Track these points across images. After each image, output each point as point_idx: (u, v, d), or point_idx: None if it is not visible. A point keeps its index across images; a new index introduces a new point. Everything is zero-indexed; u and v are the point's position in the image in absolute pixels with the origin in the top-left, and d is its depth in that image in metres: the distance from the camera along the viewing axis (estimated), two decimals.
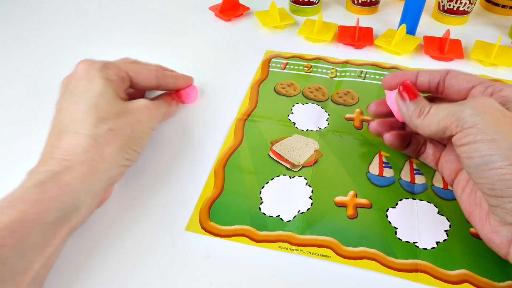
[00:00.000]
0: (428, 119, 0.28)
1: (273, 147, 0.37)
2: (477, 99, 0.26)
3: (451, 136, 0.26)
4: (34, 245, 0.24)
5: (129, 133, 0.31)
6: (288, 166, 0.36)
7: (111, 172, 0.30)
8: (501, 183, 0.23)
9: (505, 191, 0.23)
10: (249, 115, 0.41)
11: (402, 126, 0.35)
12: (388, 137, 0.34)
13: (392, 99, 0.33)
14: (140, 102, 0.34)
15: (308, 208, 0.32)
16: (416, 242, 0.30)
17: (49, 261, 0.26)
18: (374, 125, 0.35)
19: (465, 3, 0.53)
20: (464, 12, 0.54)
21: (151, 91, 0.42)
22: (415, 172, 0.35)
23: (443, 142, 0.34)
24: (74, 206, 0.27)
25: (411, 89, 0.30)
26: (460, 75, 0.30)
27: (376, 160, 0.36)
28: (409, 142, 0.34)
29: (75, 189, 0.27)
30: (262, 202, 0.33)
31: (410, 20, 0.51)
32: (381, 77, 0.46)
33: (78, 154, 0.28)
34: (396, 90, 0.32)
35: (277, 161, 0.36)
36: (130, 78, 0.35)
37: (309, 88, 0.45)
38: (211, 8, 0.59)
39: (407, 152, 0.35)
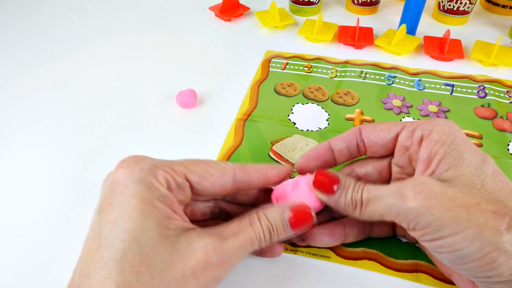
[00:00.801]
0: (367, 210, 0.24)
1: (273, 147, 0.37)
2: (413, 188, 0.22)
3: None
4: None
5: None
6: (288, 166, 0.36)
7: None
8: (483, 272, 0.21)
9: (491, 275, 0.21)
10: (249, 115, 0.41)
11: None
12: (323, 240, 0.27)
13: (305, 190, 0.26)
14: (195, 248, 0.21)
15: None
16: (416, 243, 0.29)
17: None
18: (325, 240, 0.28)
19: (465, 3, 0.53)
20: (464, 12, 0.54)
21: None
22: None
23: None
24: None
25: (327, 177, 0.25)
26: (377, 128, 0.27)
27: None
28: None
29: None
30: None
31: (410, 20, 0.51)
32: (382, 77, 0.46)
33: None
34: (309, 178, 0.26)
35: (277, 161, 0.36)
36: (191, 185, 0.24)
37: (309, 88, 0.45)
38: (211, 8, 0.59)
39: (349, 240, 0.29)
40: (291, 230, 0.24)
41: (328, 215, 0.29)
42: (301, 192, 0.26)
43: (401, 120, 0.40)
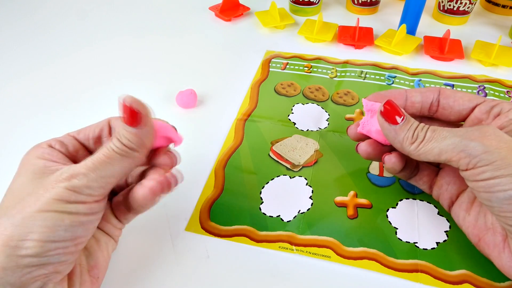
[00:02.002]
0: (425, 147, 0.25)
1: (273, 147, 0.37)
2: (485, 131, 0.24)
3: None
4: None
5: (11, 224, 0.21)
6: (288, 166, 0.36)
7: (3, 280, 0.20)
8: None
9: None
10: (249, 115, 0.41)
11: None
12: (391, 159, 0.29)
13: (371, 121, 0.29)
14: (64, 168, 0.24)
15: (308, 208, 0.32)
16: (416, 243, 0.30)
17: None
18: (364, 147, 0.30)
19: (465, 3, 0.53)
20: (464, 12, 0.54)
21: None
22: None
23: (435, 163, 0.31)
24: None
25: (394, 107, 0.27)
26: (457, 94, 0.28)
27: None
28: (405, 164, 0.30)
29: None
30: (262, 202, 0.33)
31: (410, 20, 0.51)
32: (382, 77, 0.46)
33: None
34: (378, 107, 0.28)
35: (277, 161, 0.36)
36: (73, 137, 0.28)
37: (309, 88, 0.45)
38: (211, 8, 0.59)
39: (400, 175, 0.31)
40: (128, 127, 0.24)
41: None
42: (375, 120, 0.29)
43: None
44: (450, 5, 0.54)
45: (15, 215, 0.21)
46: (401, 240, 0.30)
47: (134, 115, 0.24)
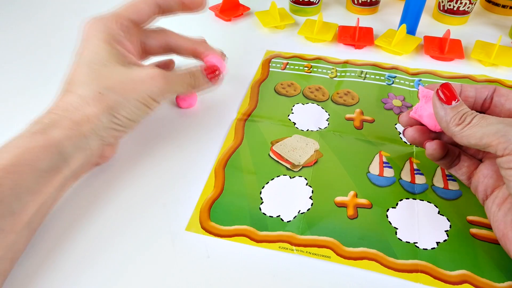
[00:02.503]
0: (470, 130, 0.26)
1: (273, 147, 0.37)
2: None
3: (490, 152, 0.25)
4: (29, 189, 0.26)
5: (117, 99, 0.31)
6: (288, 166, 0.36)
7: (98, 132, 0.31)
8: None
9: None
10: (249, 115, 0.41)
11: (438, 135, 0.33)
12: (432, 146, 0.30)
13: (425, 106, 0.31)
14: (144, 71, 0.33)
15: (309, 208, 0.32)
16: (416, 243, 0.30)
17: (43, 208, 0.28)
18: (410, 132, 0.32)
19: (465, 3, 0.53)
20: (464, 12, 0.54)
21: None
22: (415, 172, 0.35)
23: (478, 156, 0.32)
24: (63, 158, 0.28)
25: (450, 90, 0.28)
26: (510, 92, 0.29)
27: (376, 160, 0.36)
28: (446, 153, 0.32)
29: (61, 142, 0.28)
30: (263, 202, 0.33)
31: (410, 20, 0.51)
32: (382, 77, 0.46)
33: (68, 111, 0.30)
34: (433, 93, 0.29)
35: (278, 161, 0.36)
36: (132, 21, 0.35)
37: (309, 88, 0.45)
38: (211, 8, 0.59)
39: (440, 163, 0.32)
40: (206, 79, 0.38)
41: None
42: (429, 106, 0.31)
43: None
44: (450, 5, 0.54)
45: (117, 91, 0.31)
46: (401, 240, 0.30)
47: (216, 77, 0.39)
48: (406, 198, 0.33)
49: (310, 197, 0.33)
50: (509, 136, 0.24)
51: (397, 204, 0.32)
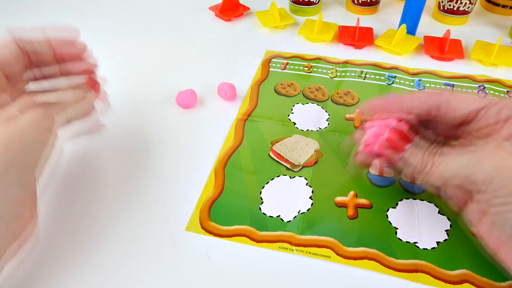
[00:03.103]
0: (437, 171, 0.25)
1: (273, 147, 0.37)
2: (493, 152, 0.23)
3: None
4: None
5: None
6: (289, 166, 0.36)
7: None
8: None
9: None
10: (249, 115, 0.41)
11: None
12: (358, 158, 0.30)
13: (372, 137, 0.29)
14: None
15: (309, 208, 0.32)
16: (417, 242, 0.29)
17: None
18: (360, 156, 0.31)
19: (465, 3, 0.53)
20: (464, 12, 0.54)
21: None
22: None
23: None
24: None
25: (400, 136, 0.26)
26: (457, 98, 0.27)
27: (376, 160, 0.36)
28: None
29: None
30: (263, 202, 0.33)
31: (410, 20, 0.51)
32: (382, 77, 0.46)
33: None
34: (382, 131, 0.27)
35: (278, 161, 0.36)
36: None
37: (309, 88, 0.45)
38: (211, 8, 0.59)
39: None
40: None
41: None
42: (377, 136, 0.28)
43: None
44: (450, 5, 0.54)
45: None
46: (401, 240, 0.30)
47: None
48: (406, 198, 0.33)
49: (310, 197, 0.33)
50: (479, 175, 0.23)
51: (397, 204, 0.32)
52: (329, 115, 0.41)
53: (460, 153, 0.24)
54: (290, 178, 0.35)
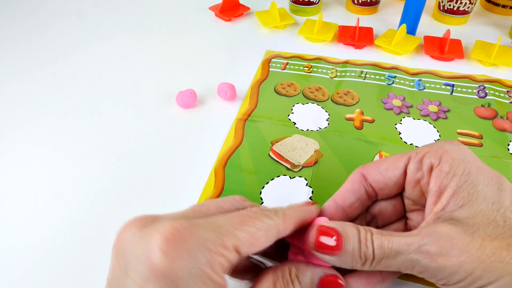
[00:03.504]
0: (380, 265, 0.21)
1: (273, 147, 0.37)
2: (440, 244, 0.20)
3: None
4: None
5: None
6: (289, 166, 0.36)
7: None
8: None
9: None
10: (249, 115, 0.41)
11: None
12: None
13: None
14: None
15: None
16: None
17: None
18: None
19: (465, 3, 0.53)
20: (464, 12, 0.54)
21: None
22: None
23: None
24: None
25: (328, 236, 0.22)
26: (381, 167, 0.25)
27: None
28: None
29: None
30: (262, 202, 0.33)
31: (410, 20, 0.51)
32: (382, 77, 0.46)
33: None
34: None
35: (278, 161, 0.36)
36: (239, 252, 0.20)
37: (309, 88, 0.45)
38: (211, 8, 0.59)
39: None
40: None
41: None
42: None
43: (400, 120, 0.40)
44: (450, 5, 0.54)
45: None
46: None
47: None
48: None
49: (310, 197, 0.33)
50: (433, 273, 0.21)
51: None
52: (329, 115, 0.41)
53: (402, 241, 0.21)
54: (290, 178, 0.35)
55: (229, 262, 0.19)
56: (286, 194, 0.33)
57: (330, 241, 0.22)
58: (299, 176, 0.35)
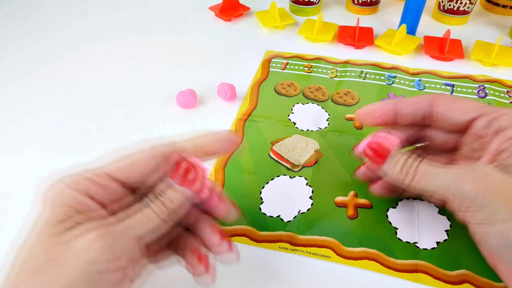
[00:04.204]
0: (418, 184, 0.25)
1: (274, 147, 0.37)
2: (476, 174, 0.23)
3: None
4: None
5: None
6: (289, 166, 0.36)
7: None
8: None
9: None
10: (249, 115, 0.41)
11: None
12: (375, 190, 0.30)
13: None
14: (81, 239, 0.20)
15: (309, 208, 0.32)
16: (417, 242, 0.29)
17: None
18: (362, 170, 0.31)
19: (465, 3, 0.53)
20: (464, 12, 0.54)
21: None
22: None
23: None
24: None
25: (379, 148, 0.26)
26: (453, 105, 0.27)
27: None
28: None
29: None
30: (263, 202, 0.33)
31: (410, 20, 0.51)
32: (382, 77, 0.46)
33: None
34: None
35: (278, 161, 0.36)
36: (121, 181, 0.23)
37: (309, 88, 0.45)
38: (211, 8, 0.59)
39: (404, 197, 0.32)
40: (181, 187, 0.23)
41: None
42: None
43: None
44: (450, 5, 0.54)
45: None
46: (401, 240, 0.30)
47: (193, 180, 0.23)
48: (406, 198, 0.33)
49: (310, 197, 0.33)
50: (459, 195, 0.23)
51: (397, 204, 0.32)
52: (329, 115, 0.41)
53: (443, 170, 0.24)
54: (290, 178, 0.35)
55: (97, 185, 0.22)
56: (286, 194, 0.33)
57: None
58: (299, 176, 0.35)
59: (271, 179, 0.35)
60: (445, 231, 0.30)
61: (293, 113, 0.41)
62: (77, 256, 0.19)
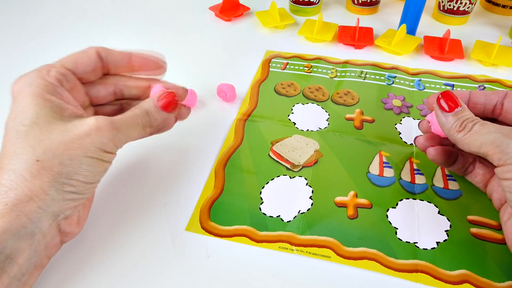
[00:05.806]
0: (470, 137, 0.26)
1: (274, 147, 0.37)
2: None
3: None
4: None
5: (63, 161, 0.24)
6: (289, 166, 0.36)
7: (47, 209, 0.24)
8: None
9: None
10: (249, 115, 0.41)
11: (449, 141, 0.32)
12: (431, 152, 0.31)
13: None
14: (87, 122, 0.26)
15: (309, 208, 0.32)
16: (417, 243, 0.30)
17: None
18: (421, 140, 0.32)
19: (465, 3, 0.53)
20: (464, 12, 0.54)
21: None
22: (415, 172, 0.35)
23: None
24: (5, 255, 0.22)
25: (451, 97, 0.28)
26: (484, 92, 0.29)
27: (376, 160, 0.36)
28: (455, 159, 0.32)
29: None
30: (263, 202, 0.33)
31: (410, 20, 0.51)
32: (382, 77, 0.46)
33: (1, 194, 0.23)
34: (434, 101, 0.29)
35: (278, 161, 0.36)
36: (72, 72, 0.29)
37: (309, 88, 0.45)
38: (211, 8, 0.59)
39: (453, 169, 0.32)
40: (162, 111, 0.30)
41: None
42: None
43: (400, 120, 0.40)
44: (450, 5, 0.54)
45: (60, 153, 0.24)
46: (401, 240, 0.30)
47: (173, 105, 0.31)
48: (406, 198, 0.33)
49: (310, 197, 0.33)
50: (502, 147, 0.24)
51: (397, 204, 0.32)
52: (329, 115, 0.41)
53: (499, 127, 0.25)
54: (290, 178, 0.35)
55: (59, 73, 0.28)
56: (286, 194, 0.33)
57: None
58: (299, 176, 0.35)
59: (271, 179, 0.35)
60: (445, 231, 0.30)
61: (293, 113, 0.41)
62: (88, 133, 0.26)
